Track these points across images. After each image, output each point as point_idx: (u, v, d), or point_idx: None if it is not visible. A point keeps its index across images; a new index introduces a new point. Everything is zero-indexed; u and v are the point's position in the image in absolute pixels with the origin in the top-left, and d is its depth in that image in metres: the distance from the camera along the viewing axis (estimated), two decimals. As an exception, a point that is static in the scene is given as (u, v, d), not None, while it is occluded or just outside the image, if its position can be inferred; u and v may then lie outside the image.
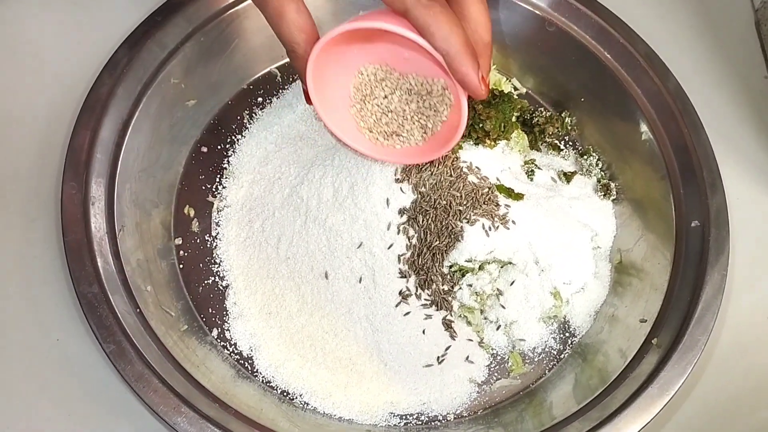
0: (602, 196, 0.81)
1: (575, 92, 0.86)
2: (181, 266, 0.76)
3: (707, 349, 0.69)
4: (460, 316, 0.74)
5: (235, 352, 0.73)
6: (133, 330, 0.65)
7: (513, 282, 0.74)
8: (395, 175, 0.73)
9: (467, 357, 0.74)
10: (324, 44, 0.60)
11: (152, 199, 0.76)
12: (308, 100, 0.65)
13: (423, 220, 0.73)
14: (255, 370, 0.72)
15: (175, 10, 0.78)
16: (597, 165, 0.83)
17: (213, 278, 0.76)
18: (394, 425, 0.71)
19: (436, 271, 0.73)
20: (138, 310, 0.67)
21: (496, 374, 0.74)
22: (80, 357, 0.69)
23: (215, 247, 0.77)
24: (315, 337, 0.73)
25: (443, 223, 0.73)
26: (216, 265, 0.76)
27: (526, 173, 0.80)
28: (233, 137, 0.82)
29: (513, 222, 0.74)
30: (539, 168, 0.81)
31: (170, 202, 0.78)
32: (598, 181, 0.82)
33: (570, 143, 0.86)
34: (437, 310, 0.73)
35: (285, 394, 0.72)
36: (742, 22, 0.93)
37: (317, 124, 0.82)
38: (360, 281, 0.72)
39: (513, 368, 0.74)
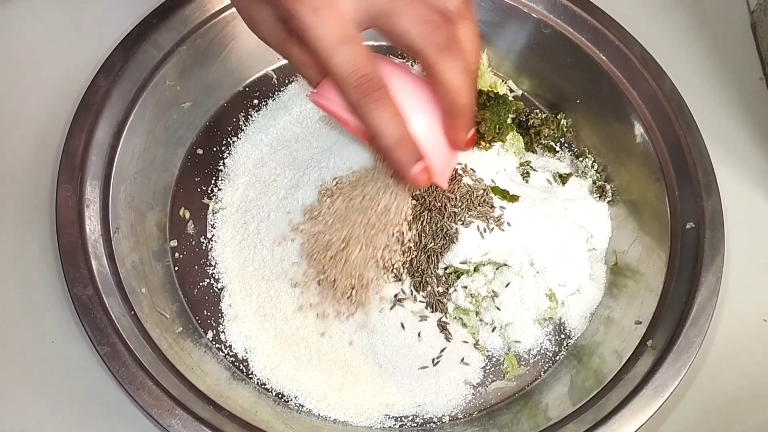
0: (597, 198, 0.81)
1: (571, 94, 0.86)
2: (176, 268, 0.76)
3: (702, 351, 0.69)
4: (455, 318, 0.74)
5: (230, 354, 0.73)
6: (127, 332, 0.65)
7: (508, 284, 0.74)
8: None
9: (462, 359, 0.74)
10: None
11: (147, 201, 0.76)
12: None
13: (418, 222, 0.73)
14: (250, 373, 0.72)
15: (170, 12, 0.78)
16: (592, 167, 0.83)
17: (208, 280, 0.76)
18: (390, 427, 0.71)
19: (431, 273, 0.73)
20: (132, 312, 0.67)
21: (491, 376, 0.74)
22: (75, 359, 0.69)
23: (210, 249, 0.77)
24: (310, 339, 0.73)
25: (438, 225, 0.73)
26: (211, 267, 0.76)
27: (521, 175, 0.80)
28: (229, 139, 0.82)
29: (508, 224, 0.74)
30: (534, 170, 0.81)
31: (165, 204, 0.78)
32: (594, 182, 0.82)
33: (565, 145, 0.86)
34: (432, 312, 0.73)
35: (280, 396, 0.71)
36: (738, 24, 0.93)
37: (313, 126, 0.82)
38: (355, 283, 0.73)
39: (508, 370, 0.74)
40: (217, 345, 0.73)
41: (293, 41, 0.57)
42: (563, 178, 0.81)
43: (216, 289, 0.75)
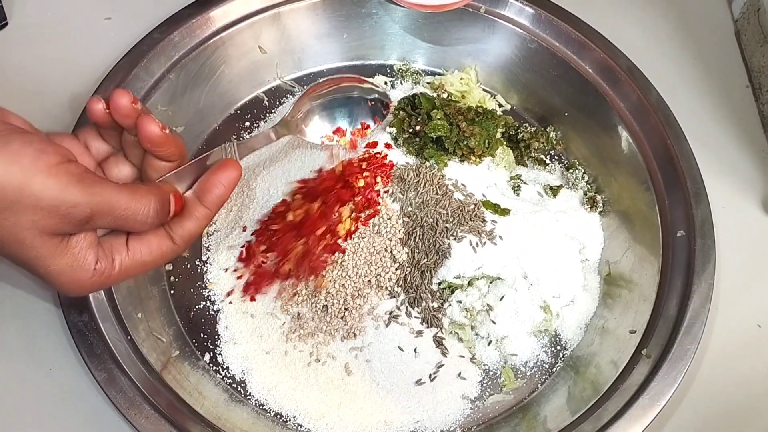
0: (589, 209, 0.82)
1: (559, 107, 0.86)
2: (171, 292, 0.76)
3: (697, 358, 0.69)
4: (450, 332, 0.75)
5: (228, 375, 0.73)
6: (124, 357, 0.66)
7: (502, 297, 0.74)
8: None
9: (459, 373, 0.74)
10: None
11: (142, 225, 0.76)
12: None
13: (410, 239, 0.73)
14: (248, 394, 0.72)
15: (160, 38, 0.79)
16: (583, 178, 0.84)
17: (204, 303, 0.76)
18: (389, 444, 0.71)
19: (425, 288, 0.73)
20: (129, 337, 0.68)
21: (488, 390, 0.74)
22: (73, 386, 0.69)
23: (206, 272, 0.77)
24: (306, 359, 0.73)
25: (430, 241, 0.73)
26: (207, 290, 0.76)
27: (512, 188, 0.81)
28: (221, 162, 0.83)
29: (500, 237, 0.75)
30: (525, 183, 0.82)
31: (160, 228, 0.78)
32: (585, 194, 0.83)
33: (555, 158, 0.86)
34: (428, 327, 0.74)
35: (278, 416, 0.72)
36: (722, 33, 0.94)
37: (305, 145, 0.82)
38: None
39: (505, 383, 0.74)
40: (215, 367, 0.73)
41: None
42: (554, 191, 0.82)
43: (212, 312, 0.76)
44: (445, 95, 0.85)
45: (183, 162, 0.58)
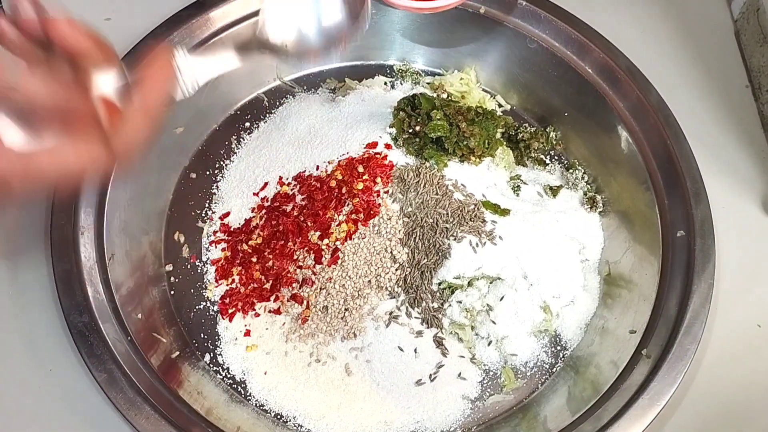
0: (589, 209, 0.82)
1: (559, 107, 0.86)
2: (171, 292, 0.76)
3: (697, 358, 0.69)
4: (450, 333, 0.75)
5: (228, 376, 0.73)
6: (124, 358, 0.66)
7: (502, 297, 0.74)
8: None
9: (459, 374, 0.74)
10: None
11: (142, 226, 0.76)
12: None
13: (410, 239, 0.73)
14: (248, 394, 0.72)
15: (160, 39, 0.79)
16: (583, 178, 0.84)
17: (204, 303, 0.76)
18: (389, 445, 0.71)
19: (426, 289, 0.73)
20: (129, 338, 0.68)
21: (489, 390, 0.74)
22: (73, 386, 0.69)
23: (206, 273, 0.77)
24: (306, 359, 0.73)
25: (430, 242, 0.73)
26: (207, 291, 0.76)
27: (512, 189, 0.81)
28: (221, 162, 0.83)
29: (500, 238, 0.75)
30: (525, 183, 0.82)
31: (160, 228, 0.79)
32: (585, 194, 0.83)
33: (555, 158, 0.86)
34: (428, 327, 0.74)
35: (279, 416, 0.72)
36: (722, 33, 0.94)
37: (305, 146, 0.82)
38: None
39: (506, 383, 0.74)
40: (215, 368, 0.73)
41: None
42: (554, 191, 0.82)
43: (212, 312, 0.76)
44: (444, 95, 0.85)
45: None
